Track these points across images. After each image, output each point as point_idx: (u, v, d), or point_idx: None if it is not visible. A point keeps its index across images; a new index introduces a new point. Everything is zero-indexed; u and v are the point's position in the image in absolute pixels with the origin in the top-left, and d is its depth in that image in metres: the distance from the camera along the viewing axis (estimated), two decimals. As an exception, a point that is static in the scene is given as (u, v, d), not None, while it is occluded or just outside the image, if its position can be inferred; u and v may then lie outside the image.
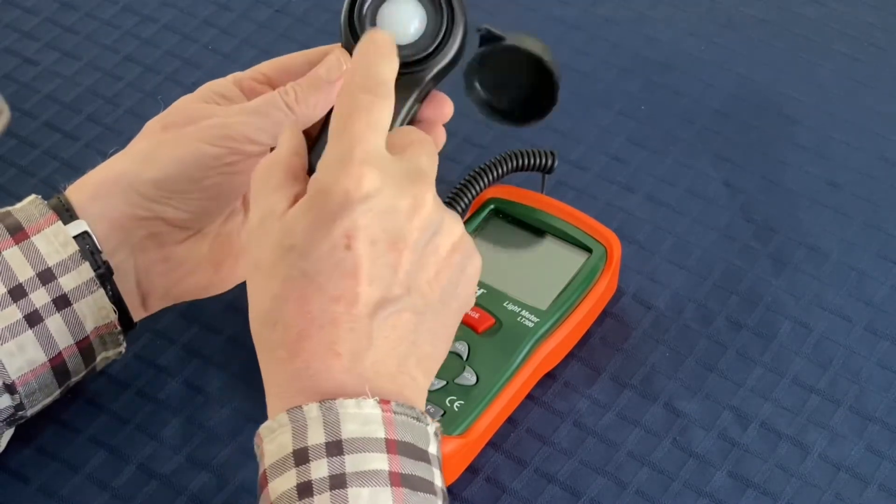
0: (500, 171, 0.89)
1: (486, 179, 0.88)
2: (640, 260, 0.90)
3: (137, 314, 0.81)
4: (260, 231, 0.69)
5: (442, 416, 0.78)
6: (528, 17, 1.05)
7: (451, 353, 0.80)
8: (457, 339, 0.81)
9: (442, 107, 0.81)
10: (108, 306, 0.78)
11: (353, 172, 0.67)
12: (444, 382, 0.80)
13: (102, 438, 0.82)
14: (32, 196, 0.78)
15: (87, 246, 0.77)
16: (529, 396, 0.83)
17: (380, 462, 0.65)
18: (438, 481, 0.67)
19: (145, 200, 0.78)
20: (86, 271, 0.77)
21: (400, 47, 0.74)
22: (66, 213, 0.78)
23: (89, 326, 0.77)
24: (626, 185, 0.94)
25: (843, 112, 0.99)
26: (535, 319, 0.82)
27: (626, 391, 0.84)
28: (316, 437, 0.65)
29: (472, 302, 0.72)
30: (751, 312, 0.88)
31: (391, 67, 0.71)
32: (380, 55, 0.71)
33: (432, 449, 0.67)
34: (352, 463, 0.65)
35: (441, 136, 0.82)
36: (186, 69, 1.01)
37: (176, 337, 0.87)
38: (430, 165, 0.70)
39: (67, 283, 0.77)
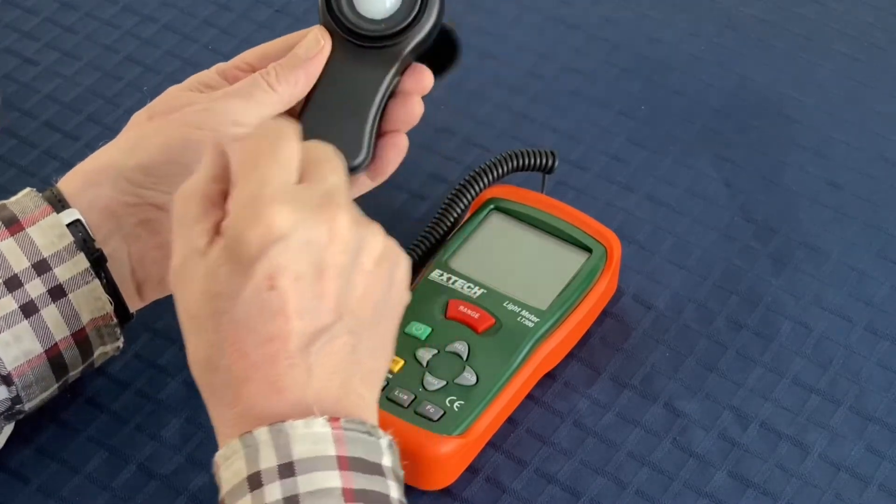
0: (499, 171, 0.89)
1: (486, 180, 0.88)
2: (640, 260, 0.90)
3: (133, 303, 0.81)
4: (184, 274, 0.69)
5: (442, 416, 0.78)
6: (528, 17, 1.05)
7: (451, 353, 0.81)
8: (457, 339, 0.81)
9: (422, 79, 0.82)
10: (104, 297, 0.78)
11: (264, 214, 0.67)
12: (444, 382, 0.80)
13: (102, 438, 0.82)
14: (28, 189, 0.79)
15: (79, 234, 0.77)
16: (529, 396, 0.83)
17: (332, 480, 0.65)
18: (395, 493, 0.67)
19: (134, 187, 0.79)
20: (80, 262, 0.77)
21: (378, 21, 0.77)
22: (59, 204, 0.78)
23: (85, 317, 0.78)
24: (626, 185, 0.94)
25: (843, 112, 0.99)
26: (535, 319, 0.82)
27: (626, 391, 0.84)
28: (268, 460, 0.65)
29: (407, 298, 0.72)
30: (751, 312, 0.88)
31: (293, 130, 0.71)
32: (277, 135, 0.71)
33: (386, 461, 0.68)
34: (304, 483, 0.65)
35: (418, 108, 0.83)
36: (186, 69, 1.01)
37: (176, 337, 0.86)
38: (339, 182, 0.69)
39: (62, 273, 0.77)
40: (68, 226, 0.77)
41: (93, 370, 0.82)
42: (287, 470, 0.65)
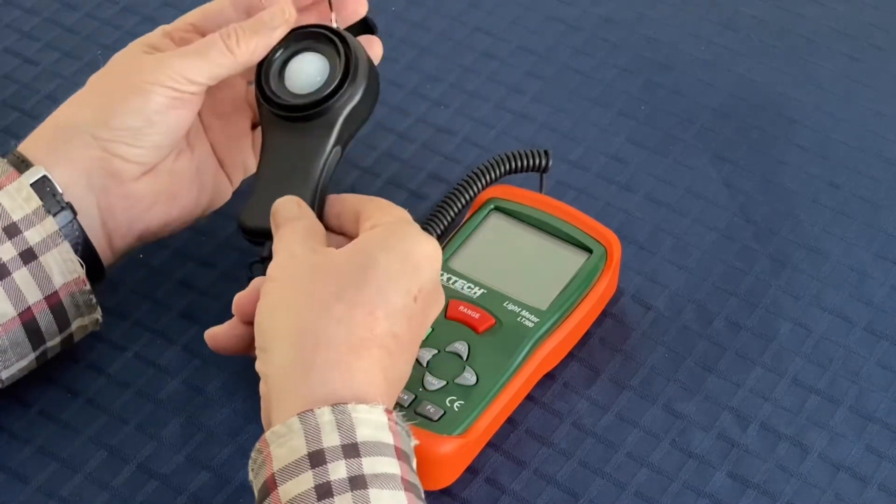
0: (490, 176, 0.89)
1: (478, 186, 0.88)
2: (639, 260, 0.90)
3: (105, 257, 0.83)
4: (293, 246, 0.75)
5: (442, 416, 0.78)
6: (528, 17, 1.05)
7: (450, 353, 0.81)
8: (457, 339, 0.81)
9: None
10: (74, 258, 0.79)
11: (430, 240, 0.74)
12: (444, 382, 0.80)
13: (102, 438, 0.82)
14: None
15: (47, 189, 0.79)
16: (529, 397, 0.83)
17: (392, 466, 0.68)
18: (422, 493, 0.70)
19: (101, 141, 0.81)
20: (49, 225, 0.79)
21: (306, 95, 0.81)
22: (23, 165, 0.80)
23: (57, 280, 0.79)
24: (625, 185, 0.94)
25: (843, 112, 0.99)
26: (535, 319, 0.82)
27: (626, 392, 0.84)
28: (331, 439, 0.67)
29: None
30: (750, 313, 0.88)
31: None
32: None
33: (414, 464, 0.70)
34: (369, 465, 0.67)
35: None
36: (186, 69, 1.01)
37: (176, 337, 0.87)
38: None
39: (32, 236, 0.78)
40: (34, 184, 0.79)
41: (71, 345, 0.82)
42: (352, 450, 0.67)
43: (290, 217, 0.77)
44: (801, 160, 0.96)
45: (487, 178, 0.89)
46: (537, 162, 0.89)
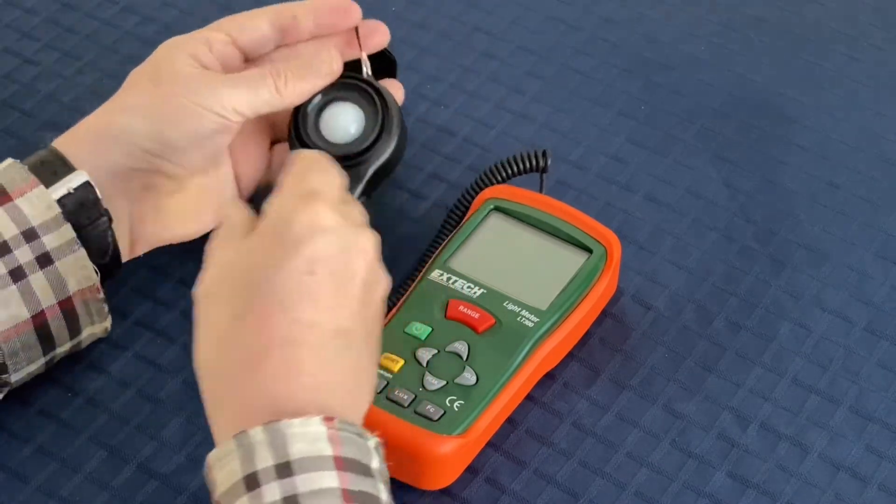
0: (491, 183, 0.89)
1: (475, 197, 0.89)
2: (639, 260, 0.90)
3: (122, 257, 0.84)
4: (215, 258, 0.73)
5: (442, 416, 0.78)
6: (528, 17, 1.05)
7: (450, 353, 0.81)
8: (457, 339, 0.81)
9: (345, 12, 0.87)
10: (90, 266, 0.80)
11: (313, 206, 0.71)
12: (444, 382, 0.80)
13: (102, 438, 0.82)
14: (10, 160, 0.81)
15: (90, 196, 0.80)
16: (529, 397, 0.83)
17: (330, 480, 0.66)
18: (385, 496, 0.68)
19: (147, 154, 0.82)
20: (67, 232, 0.79)
21: (341, 145, 0.85)
22: (61, 164, 0.80)
23: (72, 286, 0.79)
24: (625, 185, 0.94)
25: (843, 112, 0.99)
26: (535, 319, 0.82)
27: (626, 392, 0.84)
28: (264, 460, 0.66)
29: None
30: (750, 313, 0.88)
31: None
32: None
33: (375, 464, 0.68)
34: (303, 483, 0.65)
35: None
36: (186, 69, 1.01)
37: (176, 336, 0.87)
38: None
39: (50, 242, 0.79)
40: (77, 188, 0.79)
41: (79, 350, 0.83)
42: (285, 469, 0.65)
43: (220, 225, 0.76)
44: (801, 160, 0.96)
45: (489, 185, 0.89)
46: (535, 163, 0.89)
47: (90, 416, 0.83)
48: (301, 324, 0.69)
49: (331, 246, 0.71)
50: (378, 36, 0.89)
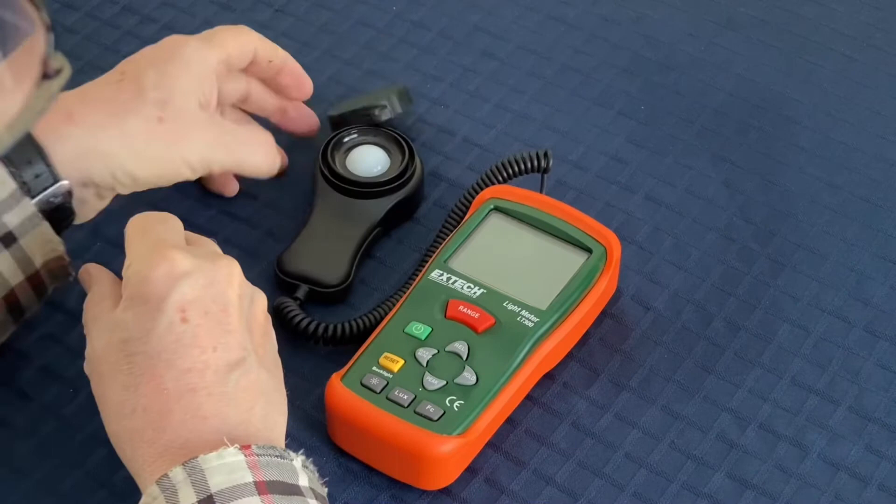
0: (494, 184, 0.89)
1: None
2: (639, 260, 0.90)
3: (90, 208, 0.85)
4: (93, 333, 0.73)
5: (442, 415, 0.78)
6: (528, 17, 1.05)
7: (450, 353, 0.81)
8: (456, 339, 0.81)
9: (302, 85, 0.92)
10: (55, 239, 0.80)
11: (166, 256, 0.72)
12: (444, 382, 0.80)
13: (102, 435, 0.82)
14: None
15: (65, 204, 0.80)
16: (528, 397, 0.83)
17: None
18: None
19: (122, 186, 0.83)
20: (27, 206, 0.79)
21: (367, 179, 0.90)
22: (30, 147, 0.79)
23: (38, 261, 0.79)
24: (625, 185, 0.95)
25: (843, 112, 0.99)
26: (535, 319, 0.82)
27: (625, 392, 0.84)
28: (187, 498, 0.66)
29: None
30: (750, 314, 0.88)
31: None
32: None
33: (303, 482, 0.69)
34: None
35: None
36: (187, 69, 1.01)
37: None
38: (219, 251, 0.77)
39: (11, 219, 0.78)
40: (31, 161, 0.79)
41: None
42: (208, 503, 0.66)
43: (89, 290, 0.77)
44: (801, 160, 0.96)
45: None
46: (537, 164, 0.89)
47: (90, 414, 0.83)
48: (192, 372, 0.70)
49: (195, 287, 0.71)
50: (308, 122, 0.94)
